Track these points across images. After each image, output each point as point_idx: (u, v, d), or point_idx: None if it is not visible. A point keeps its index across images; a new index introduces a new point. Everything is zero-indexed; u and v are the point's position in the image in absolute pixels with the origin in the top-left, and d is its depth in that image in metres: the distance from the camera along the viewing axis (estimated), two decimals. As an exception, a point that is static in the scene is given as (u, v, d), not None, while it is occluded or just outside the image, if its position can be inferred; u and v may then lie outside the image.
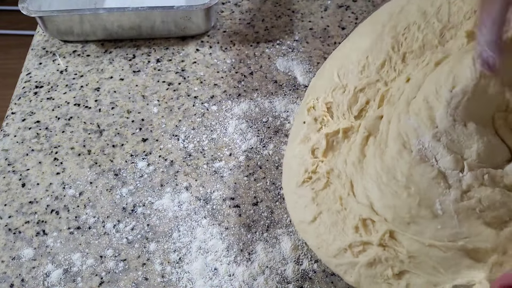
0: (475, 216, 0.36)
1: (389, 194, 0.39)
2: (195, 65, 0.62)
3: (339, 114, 0.45)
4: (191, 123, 0.55)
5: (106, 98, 0.58)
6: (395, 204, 0.38)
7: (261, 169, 0.51)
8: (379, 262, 0.39)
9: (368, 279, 0.39)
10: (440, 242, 0.36)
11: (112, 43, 0.64)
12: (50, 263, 0.45)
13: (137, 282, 0.43)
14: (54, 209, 0.49)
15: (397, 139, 0.39)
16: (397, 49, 0.44)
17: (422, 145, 0.38)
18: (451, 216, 0.36)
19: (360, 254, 0.39)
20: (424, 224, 0.37)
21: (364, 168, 0.41)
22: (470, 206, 0.36)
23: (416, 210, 0.37)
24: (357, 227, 0.40)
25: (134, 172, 0.51)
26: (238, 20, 0.68)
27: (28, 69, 0.62)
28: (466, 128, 0.38)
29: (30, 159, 0.53)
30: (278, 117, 0.56)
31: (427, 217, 0.37)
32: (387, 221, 0.39)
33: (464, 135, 0.37)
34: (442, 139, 0.38)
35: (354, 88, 0.45)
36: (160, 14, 0.61)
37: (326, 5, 0.69)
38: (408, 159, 0.38)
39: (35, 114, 0.57)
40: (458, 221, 0.36)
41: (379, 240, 0.39)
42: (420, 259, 0.37)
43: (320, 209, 0.42)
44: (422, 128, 0.38)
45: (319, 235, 0.42)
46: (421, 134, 0.38)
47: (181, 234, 0.46)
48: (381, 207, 0.39)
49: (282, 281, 0.43)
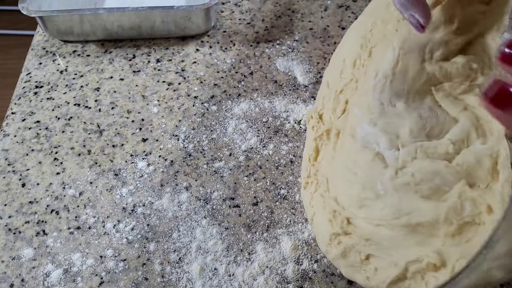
0: (412, 191, 0.36)
1: (344, 182, 0.40)
2: (195, 65, 0.62)
3: (327, 118, 0.47)
4: (191, 123, 0.56)
5: (106, 98, 0.58)
6: (348, 192, 0.40)
7: (261, 169, 0.51)
8: (349, 250, 0.40)
9: (350, 268, 0.40)
10: (385, 221, 0.37)
11: (112, 43, 0.65)
12: (50, 263, 0.45)
13: (137, 282, 0.44)
14: (54, 209, 0.49)
15: (349, 131, 0.41)
16: (365, 46, 0.44)
17: (365, 132, 0.39)
18: (392, 194, 0.37)
19: (338, 246, 0.40)
20: (371, 206, 0.38)
21: (334, 164, 0.43)
22: (405, 182, 0.36)
23: (363, 193, 0.38)
24: (331, 220, 0.41)
25: (134, 172, 0.51)
26: (238, 20, 0.68)
27: (28, 69, 0.62)
28: (395, 108, 0.39)
29: (30, 159, 0.53)
30: (278, 117, 0.56)
31: (372, 198, 0.38)
32: (344, 209, 0.40)
33: (395, 116, 0.39)
34: (378, 123, 0.39)
35: (335, 91, 0.46)
36: (160, 14, 0.61)
37: (326, 5, 0.69)
38: (354, 146, 0.40)
39: (35, 114, 0.57)
40: (399, 198, 0.36)
41: (341, 229, 0.40)
42: (375, 240, 0.38)
43: (314, 210, 0.44)
44: (364, 116, 0.40)
45: (317, 236, 0.44)
46: (361, 122, 0.40)
47: (181, 234, 0.46)
48: (341, 196, 0.40)
49: (282, 281, 0.43)
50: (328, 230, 0.41)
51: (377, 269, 0.38)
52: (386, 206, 0.37)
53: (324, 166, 0.45)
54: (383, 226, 0.37)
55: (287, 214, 0.48)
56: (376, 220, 0.37)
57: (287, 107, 0.56)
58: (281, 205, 0.48)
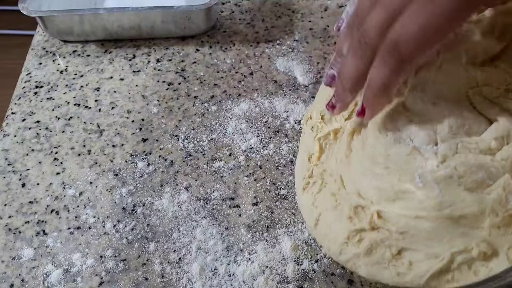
0: (455, 183, 0.36)
1: (371, 177, 0.40)
2: (195, 65, 0.62)
3: (331, 118, 0.47)
4: (191, 123, 0.56)
5: (106, 98, 0.58)
6: (378, 185, 0.39)
7: (261, 169, 0.51)
8: (376, 246, 0.39)
9: (375, 266, 0.40)
10: (426, 212, 0.37)
11: (112, 43, 0.65)
12: (50, 263, 0.45)
13: (137, 282, 0.44)
14: (54, 209, 0.49)
15: (373, 127, 0.41)
16: None
17: (396, 128, 0.40)
18: (432, 187, 0.37)
19: (359, 244, 0.40)
20: (408, 199, 0.38)
21: (351, 162, 0.42)
22: (448, 175, 0.37)
23: (398, 186, 0.38)
24: (351, 217, 0.40)
25: (134, 172, 0.51)
26: (238, 20, 0.68)
27: (28, 69, 0.62)
28: (435, 107, 0.39)
29: (30, 159, 0.53)
30: (278, 117, 0.56)
31: (410, 191, 0.38)
32: (373, 203, 0.39)
33: (435, 113, 0.39)
34: (414, 119, 0.39)
35: None
36: (160, 14, 0.61)
37: (326, 5, 0.69)
38: (384, 141, 0.40)
39: (35, 114, 0.57)
40: (440, 190, 0.37)
41: (369, 224, 0.39)
42: (411, 233, 0.38)
43: (319, 210, 0.43)
44: (394, 114, 0.40)
45: (325, 237, 0.43)
46: (393, 119, 0.40)
47: (181, 234, 0.46)
48: (366, 191, 0.40)
49: (282, 281, 0.43)
50: (346, 228, 0.40)
51: (412, 263, 0.38)
52: (427, 198, 0.37)
53: (334, 165, 0.44)
54: (423, 218, 0.37)
55: (287, 214, 0.47)
56: (415, 212, 0.37)
57: (287, 107, 0.56)
58: (281, 205, 0.48)
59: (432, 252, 0.37)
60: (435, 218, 0.37)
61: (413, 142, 0.39)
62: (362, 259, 0.40)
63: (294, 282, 0.43)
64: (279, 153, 0.52)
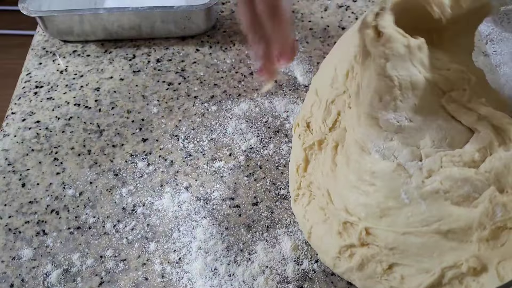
0: (442, 198, 0.37)
1: (358, 194, 0.40)
2: (195, 65, 0.62)
3: (317, 128, 0.47)
4: (191, 123, 0.55)
5: (106, 98, 0.58)
6: (365, 202, 0.39)
7: (261, 169, 0.51)
8: (367, 261, 0.39)
9: (369, 280, 0.40)
10: (413, 228, 0.37)
11: (112, 43, 0.64)
12: (50, 263, 0.45)
13: (137, 282, 0.43)
14: (54, 209, 0.49)
15: (355, 145, 0.41)
16: (358, 57, 0.43)
17: (378, 147, 0.39)
18: (418, 203, 0.37)
19: (351, 259, 0.40)
20: (395, 215, 0.38)
21: (337, 176, 0.42)
22: (434, 190, 0.37)
23: (385, 203, 0.38)
24: (340, 232, 0.41)
25: (134, 172, 0.51)
26: (238, 20, 0.68)
27: (28, 69, 0.62)
28: (412, 123, 0.39)
29: (30, 159, 0.53)
30: (278, 117, 0.56)
31: (396, 207, 0.38)
32: (360, 219, 0.39)
33: (413, 130, 0.39)
34: (394, 138, 0.39)
35: (326, 101, 0.46)
36: (160, 14, 0.61)
37: (326, 5, 0.69)
38: (369, 159, 0.40)
39: (35, 114, 0.57)
40: (426, 206, 0.37)
41: (358, 240, 0.39)
42: (401, 248, 0.38)
43: (311, 223, 0.44)
44: (373, 134, 0.40)
45: (319, 249, 0.43)
46: (373, 139, 0.40)
47: (181, 234, 0.46)
48: (354, 207, 0.40)
49: (282, 281, 0.43)
50: (337, 243, 0.41)
51: (404, 277, 0.38)
52: (413, 214, 0.37)
53: (321, 178, 0.44)
54: (411, 233, 0.37)
55: (287, 214, 0.47)
56: (403, 228, 0.37)
57: (287, 107, 0.56)
58: (281, 205, 0.48)
59: (423, 267, 0.37)
60: (423, 233, 0.37)
61: (397, 159, 0.39)
62: (356, 274, 0.40)
63: (294, 282, 0.43)
64: (279, 153, 0.52)
